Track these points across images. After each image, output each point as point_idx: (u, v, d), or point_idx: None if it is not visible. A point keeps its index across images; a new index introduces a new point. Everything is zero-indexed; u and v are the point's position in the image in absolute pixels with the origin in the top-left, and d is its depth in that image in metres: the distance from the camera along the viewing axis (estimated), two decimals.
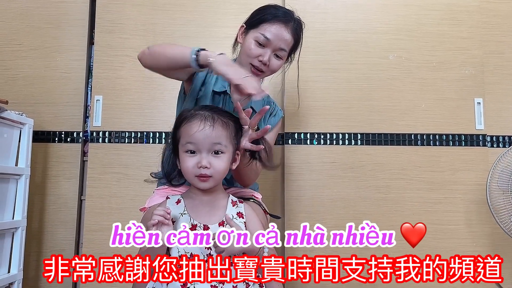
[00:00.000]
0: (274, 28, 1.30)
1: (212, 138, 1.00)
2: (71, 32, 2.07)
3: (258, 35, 1.30)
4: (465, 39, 1.99)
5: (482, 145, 1.94)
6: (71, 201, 1.98)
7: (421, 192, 1.92)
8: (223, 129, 1.02)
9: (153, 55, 1.23)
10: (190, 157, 1.02)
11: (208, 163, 1.00)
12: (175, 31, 2.01)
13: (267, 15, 1.31)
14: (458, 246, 1.89)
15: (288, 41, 1.32)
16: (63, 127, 2.02)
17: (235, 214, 1.05)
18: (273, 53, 1.32)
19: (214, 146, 1.01)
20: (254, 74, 1.30)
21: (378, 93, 1.97)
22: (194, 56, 1.13)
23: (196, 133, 1.00)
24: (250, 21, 1.36)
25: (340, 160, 1.93)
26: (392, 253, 1.07)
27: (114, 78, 1.98)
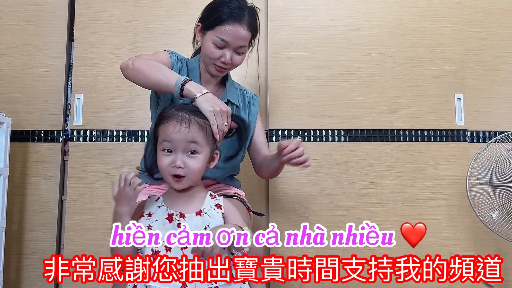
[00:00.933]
0: (230, 29, 1.29)
1: (187, 138, 1.02)
2: (50, 29, 2.02)
3: (215, 39, 1.30)
4: (446, 35, 2.01)
5: (462, 140, 1.97)
6: (52, 201, 1.95)
7: (403, 188, 1.94)
8: (199, 130, 1.05)
9: (137, 73, 1.24)
10: (166, 155, 1.04)
11: (182, 162, 1.02)
12: (157, 28, 1.99)
13: (220, 14, 1.30)
14: (440, 240, 1.91)
15: (246, 37, 1.33)
16: (43, 126, 1.98)
17: (213, 205, 1.06)
18: (233, 51, 1.33)
19: (189, 146, 1.03)
20: (219, 72, 1.35)
21: (361, 90, 1.98)
22: (178, 90, 1.16)
23: (173, 133, 1.02)
24: (204, 21, 1.35)
25: (324, 157, 1.94)
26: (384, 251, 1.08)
27: (94, 76, 1.95)
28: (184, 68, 1.39)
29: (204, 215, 1.03)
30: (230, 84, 1.46)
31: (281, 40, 1.97)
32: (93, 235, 1.85)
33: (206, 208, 1.05)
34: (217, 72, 1.36)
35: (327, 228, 1.87)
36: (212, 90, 1.42)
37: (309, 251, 1.06)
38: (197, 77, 1.38)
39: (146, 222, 1.04)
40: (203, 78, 1.41)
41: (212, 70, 1.36)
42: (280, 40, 1.97)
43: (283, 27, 1.98)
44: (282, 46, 1.97)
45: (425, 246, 1.89)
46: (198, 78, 1.39)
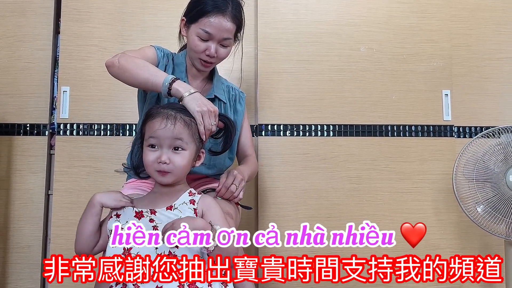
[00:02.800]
0: (213, 20, 1.29)
1: (173, 135, 1.04)
2: (36, 21, 1.99)
3: (199, 31, 1.30)
4: (434, 31, 2.03)
5: (449, 136, 2.00)
6: (38, 195, 1.92)
7: (391, 182, 1.96)
8: (184, 127, 1.06)
9: (123, 71, 1.22)
10: (152, 151, 1.05)
11: (167, 158, 1.03)
12: (145, 21, 1.96)
13: (204, 7, 1.30)
14: (427, 234, 1.92)
15: (230, 29, 1.32)
16: (28, 119, 1.94)
17: (187, 201, 1.07)
18: (218, 44, 1.32)
19: (174, 142, 1.04)
20: (204, 66, 1.35)
21: (350, 85, 1.99)
22: (166, 89, 1.15)
23: (158, 129, 1.04)
24: (188, 15, 1.35)
25: (313, 151, 1.94)
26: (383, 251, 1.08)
27: (81, 69, 1.92)
28: (170, 63, 1.38)
29: (174, 210, 1.04)
30: (217, 80, 1.45)
31: (270, 34, 1.97)
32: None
33: (178, 203, 1.06)
34: (203, 67, 1.36)
35: (315, 223, 1.89)
36: (199, 85, 1.41)
37: (309, 251, 1.07)
38: (183, 72, 1.37)
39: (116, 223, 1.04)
40: (189, 73, 1.40)
41: (198, 65, 1.36)
42: (269, 34, 1.97)
43: (273, 21, 1.97)
44: (271, 41, 1.97)
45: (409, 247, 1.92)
46: (184, 73, 1.37)
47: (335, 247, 1.01)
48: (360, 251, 1.07)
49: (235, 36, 1.38)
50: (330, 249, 1.05)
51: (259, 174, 1.91)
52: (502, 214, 1.65)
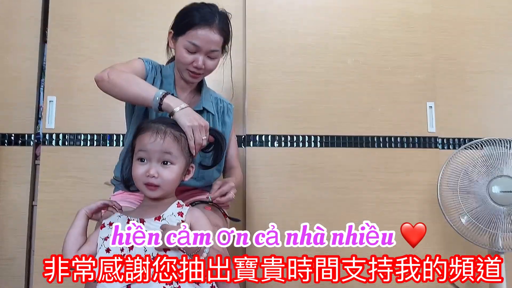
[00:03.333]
0: (200, 33, 1.30)
1: (162, 149, 1.04)
2: (22, 30, 1.97)
3: (186, 44, 1.31)
4: (418, 45, 2.07)
5: (434, 147, 2.03)
6: (22, 207, 1.89)
7: (378, 193, 1.98)
8: (174, 141, 1.07)
9: (113, 86, 1.22)
10: (141, 165, 1.06)
11: (156, 172, 1.04)
12: (134, 32, 1.97)
13: (191, 19, 1.32)
14: None
15: (217, 41, 1.33)
16: (13, 129, 1.92)
17: (175, 212, 1.07)
18: (205, 56, 1.33)
19: (163, 156, 1.05)
20: (193, 77, 1.35)
21: (337, 96, 2.01)
22: (157, 104, 1.15)
23: (148, 143, 1.05)
24: (176, 27, 1.36)
25: (300, 162, 1.96)
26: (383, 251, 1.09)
27: (68, 78, 1.90)
28: (158, 75, 1.38)
29: (162, 220, 1.04)
30: (205, 92, 1.46)
31: (259, 46, 1.98)
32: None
33: (167, 214, 1.06)
34: (191, 78, 1.36)
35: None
36: (188, 97, 1.42)
37: (309, 251, 1.07)
38: (171, 84, 1.38)
39: (108, 232, 1.04)
40: (178, 85, 1.40)
41: (186, 76, 1.36)
42: (258, 45, 1.98)
43: (261, 32, 1.99)
44: (260, 52, 1.98)
45: (396, 250, 1.93)
46: (172, 85, 1.38)
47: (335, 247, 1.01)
48: (360, 251, 1.07)
49: (222, 48, 1.39)
50: (330, 249, 1.05)
51: (247, 185, 1.91)
52: (485, 225, 1.68)
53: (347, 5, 2.06)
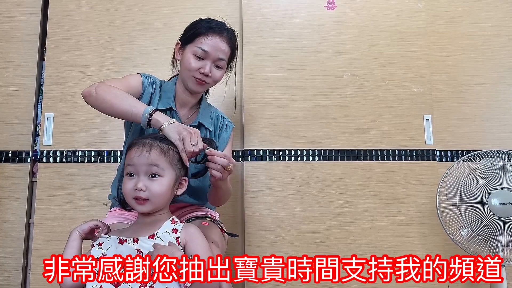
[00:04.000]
0: (209, 40, 1.32)
1: (148, 161, 1.03)
2: (20, 48, 1.99)
3: (195, 49, 1.31)
4: (414, 59, 2.09)
5: (432, 160, 2.03)
6: (18, 224, 1.87)
7: (377, 206, 1.97)
8: (160, 153, 1.05)
9: (101, 102, 1.22)
10: (129, 179, 1.05)
11: (143, 185, 1.02)
12: (132, 48, 1.98)
13: (200, 28, 1.34)
14: None
15: (225, 50, 1.35)
16: (11, 146, 1.92)
17: (170, 230, 1.05)
18: (213, 64, 1.33)
19: (150, 169, 1.04)
20: (199, 85, 1.34)
21: (334, 110, 2.02)
22: (146, 119, 1.16)
23: (134, 157, 1.04)
24: (184, 36, 1.37)
25: (299, 176, 1.95)
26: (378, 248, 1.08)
27: (66, 95, 1.91)
28: (157, 90, 1.37)
29: (156, 239, 1.02)
30: (204, 107, 1.44)
31: (255, 61, 2.00)
32: None
33: (161, 231, 1.04)
34: (196, 86, 1.34)
35: (302, 248, 1.88)
36: (187, 113, 1.41)
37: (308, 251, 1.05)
38: (171, 98, 1.37)
39: (98, 252, 1.02)
40: (178, 101, 1.40)
41: (191, 85, 1.34)
42: (254, 61, 2.00)
43: (257, 48, 2.01)
44: (256, 67, 2.00)
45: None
46: (172, 99, 1.37)
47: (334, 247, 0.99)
48: (360, 251, 1.06)
49: (228, 62, 1.39)
50: (330, 249, 1.04)
51: (245, 200, 1.90)
52: (485, 238, 1.67)
53: (343, 22, 2.08)
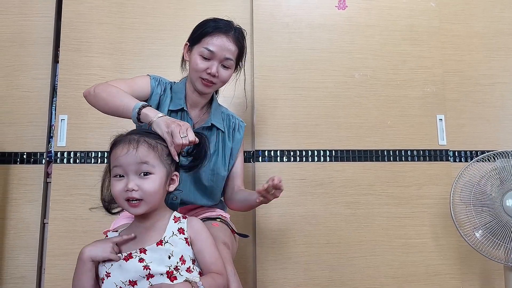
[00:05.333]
0: (216, 40, 1.32)
1: (136, 159, 0.97)
2: (35, 50, 2.02)
3: (202, 50, 1.32)
4: (426, 58, 2.07)
5: (445, 160, 2.01)
6: (33, 225, 1.90)
7: (389, 207, 1.95)
8: (149, 149, 1.00)
9: (97, 100, 1.25)
10: (118, 181, 0.99)
11: (135, 185, 0.97)
12: (143, 50, 2.00)
13: (207, 28, 1.34)
14: (426, 259, 1.92)
15: (232, 50, 1.34)
16: (25, 148, 1.95)
17: (176, 230, 1.02)
18: (220, 64, 1.33)
19: (140, 167, 0.98)
20: (205, 86, 1.34)
21: (345, 111, 2.01)
22: (136, 114, 1.16)
23: (120, 156, 0.98)
24: (192, 37, 1.38)
25: (310, 177, 1.95)
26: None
27: (79, 97, 1.91)
28: (167, 92, 1.38)
29: (166, 244, 0.98)
30: (215, 108, 1.45)
31: (266, 63, 2.00)
32: (75, 260, 1.80)
33: (168, 235, 1.00)
34: (203, 87, 1.34)
35: (313, 249, 1.88)
36: (198, 114, 1.42)
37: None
38: (182, 99, 1.37)
39: (103, 270, 0.99)
40: (188, 101, 1.40)
41: (199, 86, 1.34)
42: (265, 62, 2.00)
43: (268, 49, 2.01)
44: (267, 68, 2.00)
45: (411, 266, 1.91)
46: (183, 100, 1.37)
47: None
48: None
49: (237, 62, 1.39)
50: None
51: None
52: (500, 239, 1.64)
53: (354, 22, 2.07)
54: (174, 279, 0.95)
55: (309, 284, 1.85)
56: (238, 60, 1.41)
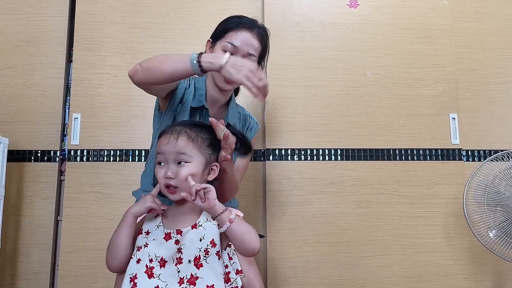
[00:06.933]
0: (240, 34, 1.31)
1: (175, 149, 1.05)
2: (49, 50, 2.05)
3: (225, 44, 1.31)
4: (439, 56, 2.06)
5: (458, 159, 1.99)
6: (47, 221, 1.93)
7: (400, 207, 1.94)
8: (188, 141, 1.07)
9: (149, 72, 1.19)
10: (160, 168, 1.07)
11: (172, 173, 1.04)
12: (156, 49, 2.01)
13: (231, 24, 1.33)
14: (438, 259, 1.91)
15: (255, 46, 1.33)
16: (40, 146, 1.98)
17: (210, 217, 1.06)
18: None
19: (178, 157, 1.06)
20: (227, 83, 1.32)
21: (357, 109, 2.00)
22: (197, 66, 1.13)
23: (162, 145, 1.07)
24: (215, 33, 1.37)
25: (321, 176, 1.94)
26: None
27: (92, 96, 1.96)
28: (192, 87, 1.37)
29: (199, 227, 1.04)
30: (232, 107, 1.44)
31: (277, 61, 2.00)
32: (89, 256, 1.83)
33: (202, 220, 1.06)
34: (225, 84, 1.32)
35: (324, 248, 1.88)
36: (216, 112, 1.41)
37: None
38: (202, 96, 1.36)
39: (143, 241, 1.05)
40: (208, 99, 1.39)
41: (220, 82, 1.33)
42: (276, 61, 2.00)
43: (279, 48, 2.01)
44: (278, 67, 2.00)
45: (423, 266, 1.89)
46: (204, 97, 1.36)
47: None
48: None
49: (259, 60, 1.38)
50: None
51: (267, 199, 1.91)
52: None
53: (366, 20, 2.06)
54: (200, 266, 1.01)
55: (320, 283, 1.85)
56: (261, 59, 1.39)
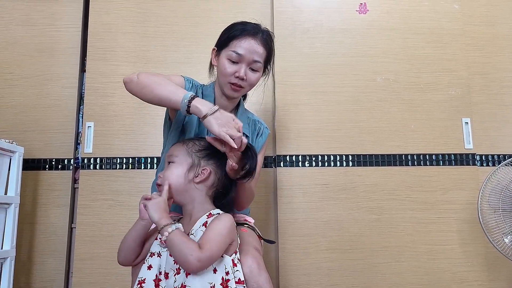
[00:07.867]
0: (244, 42, 1.30)
1: (169, 152, 1.18)
2: (62, 60, 2.09)
3: (230, 53, 1.31)
4: (450, 61, 2.04)
5: (471, 164, 1.96)
6: (61, 229, 1.96)
7: (414, 213, 1.92)
8: (180, 144, 1.17)
9: (141, 87, 1.20)
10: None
11: (162, 173, 1.15)
12: (167, 58, 2.04)
13: (235, 31, 1.33)
14: (453, 266, 1.88)
15: (260, 52, 1.33)
16: (54, 154, 2.01)
17: (202, 225, 1.07)
18: (248, 67, 1.32)
19: (168, 158, 1.17)
20: (234, 91, 1.33)
21: (368, 115, 1.99)
22: (185, 106, 1.13)
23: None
24: (219, 41, 1.37)
25: (332, 182, 1.94)
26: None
27: (105, 105, 1.99)
28: (200, 94, 1.37)
29: (191, 236, 1.06)
30: (241, 113, 1.44)
31: (287, 67, 2.01)
32: (102, 263, 1.85)
33: (195, 228, 1.07)
34: (232, 92, 1.33)
35: (336, 254, 1.87)
36: None
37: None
38: (211, 102, 1.38)
39: (157, 248, 1.08)
40: (217, 104, 1.40)
41: (227, 90, 1.33)
42: (286, 67, 2.01)
43: (289, 54, 2.02)
44: (288, 73, 2.01)
45: (438, 273, 1.87)
46: (212, 103, 1.38)
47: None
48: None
49: (265, 65, 1.38)
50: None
51: (278, 206, 1.91)
52: None
53: (376, 25, 2.06)
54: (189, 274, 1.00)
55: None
56: (266, 63, 1.40)
